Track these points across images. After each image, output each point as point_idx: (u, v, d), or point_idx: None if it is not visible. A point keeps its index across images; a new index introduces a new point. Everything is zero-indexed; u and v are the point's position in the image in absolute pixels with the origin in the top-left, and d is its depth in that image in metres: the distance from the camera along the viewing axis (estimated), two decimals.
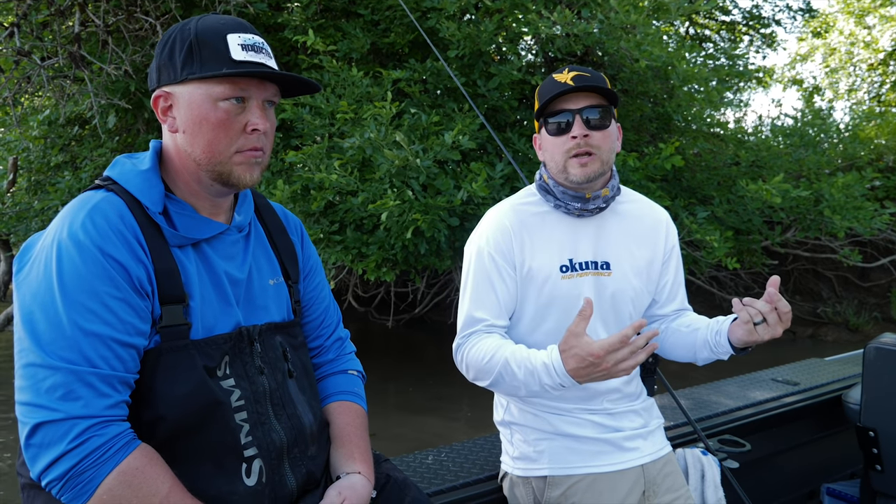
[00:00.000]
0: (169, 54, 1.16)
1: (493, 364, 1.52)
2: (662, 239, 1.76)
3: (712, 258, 5.42)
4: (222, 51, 1.13)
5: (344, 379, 1.47)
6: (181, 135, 1.17)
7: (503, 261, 1.62)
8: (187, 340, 1.14)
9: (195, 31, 1.15)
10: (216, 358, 1.16)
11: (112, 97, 5.45)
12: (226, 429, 1.14)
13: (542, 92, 1.65)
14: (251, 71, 1.14)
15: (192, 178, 1.20)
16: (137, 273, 1.10)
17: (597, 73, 1.63)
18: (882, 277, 9.40)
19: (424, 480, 1.88)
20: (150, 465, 1.05)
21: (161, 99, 1.18)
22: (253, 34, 1.18)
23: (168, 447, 1.10)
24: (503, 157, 5.35)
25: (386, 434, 5.40)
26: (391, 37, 5.94)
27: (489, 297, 1.62)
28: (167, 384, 1.11)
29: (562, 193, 1.64)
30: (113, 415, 1.05)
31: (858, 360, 2.41)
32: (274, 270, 1.34)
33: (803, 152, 6.77)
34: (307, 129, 5.28)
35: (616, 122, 1.67)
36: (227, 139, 1.15)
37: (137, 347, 1.09)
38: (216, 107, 1.14)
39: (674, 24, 8.22)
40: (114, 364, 1.06)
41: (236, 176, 1.18)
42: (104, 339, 1.05)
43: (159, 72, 1.17)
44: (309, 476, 1.26)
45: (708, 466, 1.94)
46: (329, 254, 5.21)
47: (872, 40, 15.11)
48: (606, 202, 1.66)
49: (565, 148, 1.59)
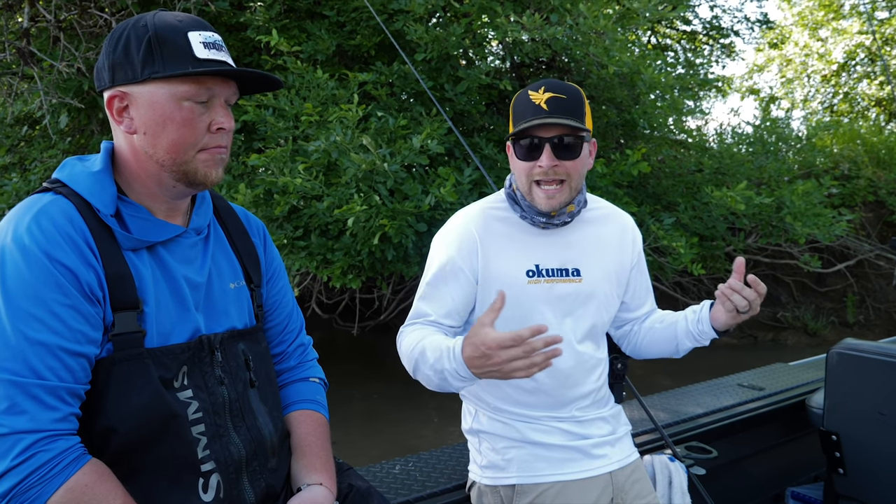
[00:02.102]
0: (124, 52, 1.11)
1: (415, 351, 1.47)
2: (630, 244, 1.77)
3: (678, 264, 5.49)
4: (185, 49, 1.10)
5: (306, 387, 1.44)
6: (141, 136, 1.13)
7: (463, 265, 1.61)
8: (142, 349, 1.10)
9: (153, 28, 1.10)
10: (173, 369, 1.13)
11: (64, 96, 5.25)
12: (182, 443, 1.11)
13: (515, 108, 1.62)
14: (218, 70, 1.12)
15: (152, 179, 1.16)
16: (87, 278, 1.06)
17: (573, 94, 1.58)
18: (838, 283, 9.68)
19: (391, 490, 1.87)
20: (100, 481, 1.02)
21: (116, 99, 1.13)
22: (212, 32, 1.16)
23: (121, 462, 1.07)
24: (471, 163, 5.33)
25: (351, 443, 5.32)
26: (357, 39, 5.87)
27: (441, 296, 1.61)
28: (120, 396, 1.07)
29: (528, 207, 1.63)
30: (61, 429, 1.01)
31: (822, 364, 2.44)
32: (235, 274, 1.30)
33: (764, 160, 6.94)
34: (270, 132, 5.17)
35: (589, 140, 1.64)
36: (193, 138, 1.13)
37: (88, 356, 1.06)
38: (180, 106, 1.11)
39: (636, 33, 8.34)
40: (62, 374, 1.02)
41: (202, 174, 1.15)
42: (51, 349, 1.01)
43: (113, 70, 1.12)
44: (268, 489, 1.23)
45: (675, 473, 1.95)
46: (293, 260, 5.10)
47: (826, 52, 15.62)
48: (572, 216, 1.66)
49: (532, 173, 1.58)
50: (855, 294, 9.55)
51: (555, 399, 1.65)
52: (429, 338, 1.48)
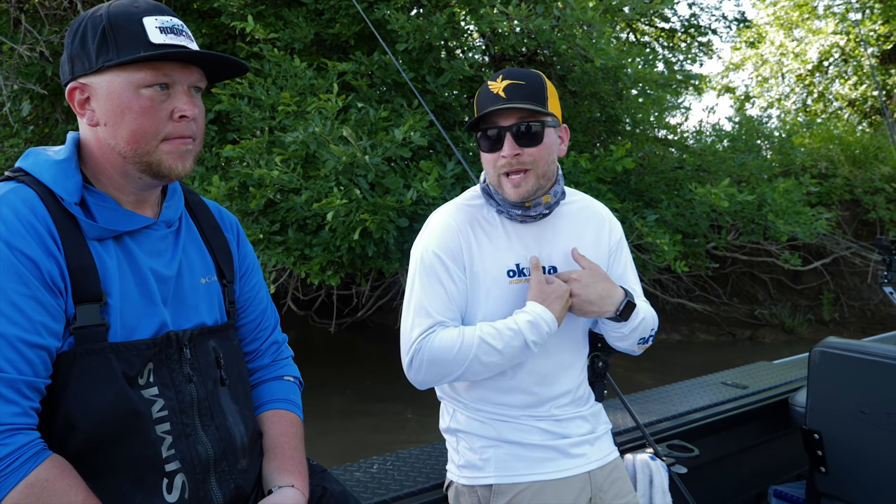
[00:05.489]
0: (81, 43, 1.10)
1: (465, 350, 1.51)
2: (606, 235, 1.74)
3: (661, 261, 5.49)
4: (138, 34, 1.08)
5: (279, 386, 1.41)
6: (103, 128, 1.11)
7: (451, 261, 1.59)
8: (104, 343, 1.07)
9: (107, 16, 1.10)
10: (137, 365, 1.10)
11: (26, 82, 5.08)
12: (145, 441, 1.09)
13: (477, 101, 1.60)
14: (170, 52, 1.09)
15: (118, 171, 1.14)
16: (49, 268, 1.04)
17: (532, 79, 1.56)
18: (813, 280, 9.82)
19: (368, 490, 1.85)
20: (60, 477, 1.00)
21: (77, 91, 1.12)
22: (171, 16, 1.14)
23: (82, 460, 1.05)
24: (453, 157, 5.27)
25: (327, 442, 5.25)
26: (336, 27, 5.76)
27: (441, 297, 1.58)
28: (81, 391, 1.05)
29: (502, 200, 1.61)
30: (19, 423, 0.99)
31: (805, 363, 2.44)
32: (207, 268, 1.28)
33: (745, 157, 6.99)
34: (246, 122, 5.06)
35: (558, 126, 1.61)
36: (153, 128, 1.10)
37: (48, 349, 1.03)
38: (138, 94, 1.09)
39: (615, 30, 8.35)
40: (21, 367, 1.00)
41: (167, 166, 1.13)
42: (10, 340, 0.99)
43: (72, 62, 1.12)
44: (238, 491, 1.21)
45: (656, 472, 1.92)
46: (269, 255, 5.00)
47: (801, 52, 15.84)
48: (549, 208, 1.63)
49: (497, 164, 1.56)
50: (830, 292, 9.69)
51: (532, 397, 1.63)
52: (471, 333, 1.53)
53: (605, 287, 1.59)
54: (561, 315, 1.55)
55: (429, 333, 1.55)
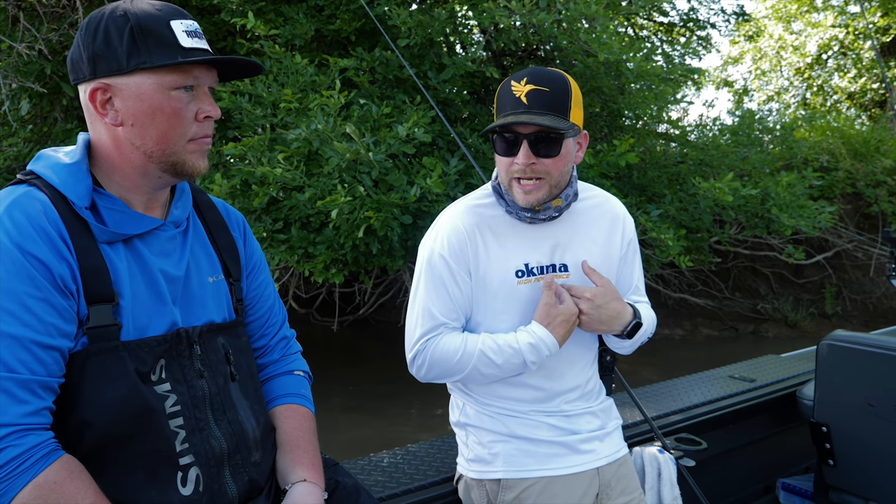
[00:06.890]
0: (105, 43, 1.10)
1: (465, 359, 1.55)
2: (619, 234, 1.73)
3: (665, 256, 5.47)
4: (169, 39, 1.11)
5: (290, 380, 1.43)
6: (128, 128, 1.13)
7: (457, 265, 1.59)
8: (117, 342, 1.09)
9: (135, 18, 1.10)
10: (149, 362, 1.12)
11: (25, 80, 5.03)
12: (159, 436, 1.11)
13: (498, 99, 1.56)
14: (205, 58, 1.13)
15: (136, 171, 1.16)
16: (60, 271, 1.06)
17: (558, 85, 1.49)
18: (815, 274, 9.81)
19: (379, 484, 1.86)
20: (70, 478, 1.00)
21: (99, 91, 1.12)
22: (192, 20, 1.17)
23: (97, 456, 1.07)
24: (456, 153, 5.25)
25: (332, 438, 5.25)
26: (337, 23, 5.73)
27: (445, 301, 1.59)
28: (95, 389, 1.07)
29: (512, 202, 1.60)
30: (32, 423, 1.00)
31: (813, 356, 2.44)
32: (214, 268, 1.30)
33: (748, 150, 6.97)
34: (247, 120, 5.04)
35: (577, 133, 1.56)
36: (182, 128, 1.14)
37: (61, 350, 1.05)
38: (169, 96, 1.12)
39: (614, 24, 8.33)
40: (34, 368, 1.01)
41: (190, 164, 1.17)
42: (22, 342, 1.01)
43: (94, 62, 1.11)
44: (252, 483, 1.23)
45: (664, 465, 1.93)
46: (272, 254, 4.99)
47: (800, 45, 15.82)
48: (559, 211, 1.61)
49: (510, 169, 1.54)
50: (833, 285, 9.68)
51: (541, 392, 1.63)
52: (473, 343, 1.56)
53: (615, 308, 1.58)
54: (564, 339, 1.55)
55: (432, 336, 1.58)
